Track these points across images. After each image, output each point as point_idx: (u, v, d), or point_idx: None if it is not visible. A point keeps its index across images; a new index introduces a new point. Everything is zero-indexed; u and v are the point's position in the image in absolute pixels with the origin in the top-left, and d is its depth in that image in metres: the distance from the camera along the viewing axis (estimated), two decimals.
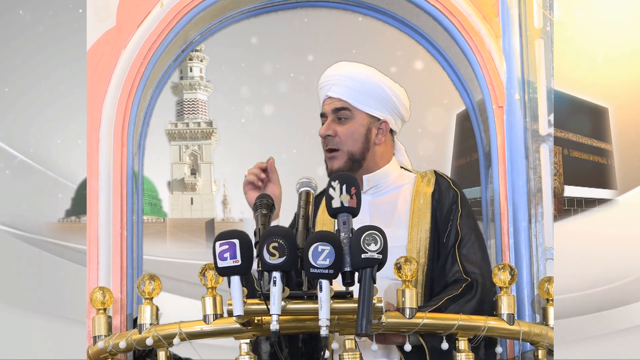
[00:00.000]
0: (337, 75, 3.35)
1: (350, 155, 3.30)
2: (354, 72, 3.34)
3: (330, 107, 3.32)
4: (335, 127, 3.31)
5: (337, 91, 3.32)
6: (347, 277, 2.71)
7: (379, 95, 3.33)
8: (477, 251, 3.23)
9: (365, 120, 3.33)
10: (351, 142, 3.30)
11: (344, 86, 3.32)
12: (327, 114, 3.33)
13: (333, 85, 3.32)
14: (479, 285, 3.14)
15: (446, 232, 3.25)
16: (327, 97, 3.34)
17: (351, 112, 3.31)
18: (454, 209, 3.28)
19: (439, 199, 3.29)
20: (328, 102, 3.34)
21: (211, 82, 9.61)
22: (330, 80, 3.34)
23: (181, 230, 8.72)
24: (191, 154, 9.63)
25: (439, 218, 3.26)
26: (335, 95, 3.32)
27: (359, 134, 3.31)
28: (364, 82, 3.33)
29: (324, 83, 3.37)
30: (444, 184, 3.32)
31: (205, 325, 2.94)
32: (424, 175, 3.37)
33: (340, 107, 3.31)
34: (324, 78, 3.38)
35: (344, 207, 2.78)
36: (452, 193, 3.30)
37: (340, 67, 3.38)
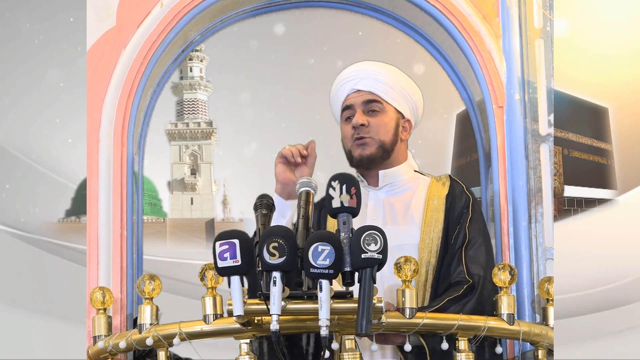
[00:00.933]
0: (367, 70, 3.37)
1: (382, 143, 3.33)
2: (384, 68, 3.39)
3: (360, 99, 3.34)
4: (367, 118, 3.33)
5: (368, 84, 3.34)
6: (347, 277, 2.71)
7: (406, 94, 3.38)
8: (482, 254, 3.23)
9: (395, 114, 3.36)
10: (383, 132, 3.33)
11: (375, 80, 3.35)
12: (356, 106, 3.34)
13: (362, 79, 3.35)
14: (481, 287, 3.14)
15: (454, 234, 3.26)
16: (355, 90, 3.35)
17: (382, 105, 3.34)
18: (464, 212, 3.30)
19: (452, 202, 3.30)
20: (355, 95, 3.35)
21: (211, 82, 9.61)
22: (357, 75, 3.36)
23: (181, 230, 8.72)
24: (191, 154, 9.63)
25: (450, 220, 3.28)
26: (365, 88, 3.34)
27: (390, 127, 3.34)
28: (395, 78, 3.37)
29: (349, 77, 3.38)
30: (457, 188, 3.34)
31: (205, 325, 2.94)
32: (438, 179, 3.39)
33: (371, 99, 3.33)
34: (349, 73, 3.39)
35: (344, 207, 2.78)
36: (465, 197, 3.32)
37: (368, 64, 3.40)
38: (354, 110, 3.34)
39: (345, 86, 3.37)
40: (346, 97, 3.37)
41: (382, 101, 3.34)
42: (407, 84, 3.40)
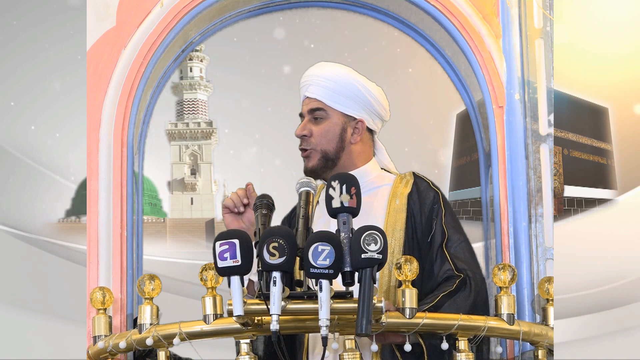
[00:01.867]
0: (314, 76, 3.36)
1: (324, 154, 3.31)
2: (329, 72, 3.35)
3: (307, 107, 3.34)
4: (310, 127, 3.32)
5: (314, 91, 3.33)
6: (347, 277, 2.71)
7: (354, 94, 3.34)
8: (465, 249, 3.24)
9: (340, 119, 3.33)
10: (325, 141, 3.31)
11: (320, 86, 3.33)
12: (305, 114, 3.35)
13: (310, 86, 3.34)
14: (471, 280, 3.14)
15: (431, 233, 3.25)
16: (305, 97, 3.36)
17: (326, 112, 3.32)
18: (436, 208, 3.28)
19: (418, 200, 3.28)
20: (306, 102, 3.36)
21: (211, 82, 9.61)
22: (307, 81, 3.36)
23: (181, 230, 8.72)
24: (191, 154, 9.62)
25: (419, 219, 3.26)
26: (312, 95, 3.33)
27: (333, 134, 3.32)
28: (339, 82, 3.33)
29: (302, 83, 3.39)
30: (422, 184, 3.32)
31: (205, 325, 2.94)
32: (402, 176, 3.36)
33: (315, 107, 3.32)
34: (303, 79, 3.40)
35: (344, 207, 2.78)
36: (432, 193, 3.30)
37: (316, 68, 3.39)
38: (303, 118, 3.36)
39: (302, 92, 3.38)
40: (302, 103, 3.38)
41: (325, 108, 3.31)
42: (358, 84, 3.35)
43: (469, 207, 6.98)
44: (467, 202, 7.01)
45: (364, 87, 3.35)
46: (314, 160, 3.31)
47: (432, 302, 3.04)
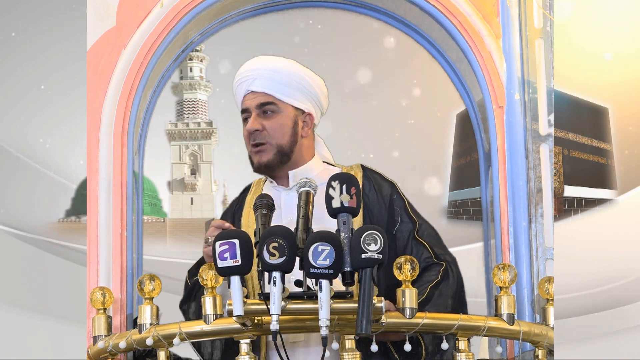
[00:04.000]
0: (260, 69, 3.29)
1: (279, 148, 3.26)
2: (277, 65, 3.30)
3: (255, 101, 3.27)
4: (261, 121, 3.27)
5: (261, 84, 3.27)
6: (347, 277, 2.71)
7: (303, 87, 3.30)
8: (436, 236, 3.27)
9: (292, 113, 3.29)
10: (280, 135, 3.26)
11: (268, 79, 3.28)
12: (251, 109, 3.28)
13: (255, 79, 3.27)
14: (451, 265, 3.19)
15: (396, 224, 3.24)
16: (249, 91, 3.28)
17: (277, 105, 3.27)
18: (395, 199, 3.28)
19: (373, 192, 3.27)
20: (250, 96, 3.29)
21: (211, 82, 9.60)
22: (251, 75, 3.29)
23: (181, 230, 8.71)
24: (191, 154, 9.62)
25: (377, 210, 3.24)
26: (258, 89, 3.27)
27: (287, 127, 3.27)
28: (288, 74, 3.29)
29: (244, 78, 3.30)
30: (374, 177, 3.31)
31: (205, 325, 2.94)
32: (349, 169, 3.34)
33: (265, 101, 3.27)
34: (243, 73, 3.32)
35: (344, 207, 2.78)
36: (388, 184, 3.30)
37: (261, 61, 3.33)
38: (249, 113, 3.28)
39: (241, 87, 3.31)
40: (243, 98, 3.31)
41: (276, 102, 3.27)
42: (305, 75, 3.31)
43: (469, 207, 6.98)
44: (467, 202, 7.01)
45: (311, 78, 3.32)
46: (269, 154, 3.26)
47: (423, 294, 3.06)
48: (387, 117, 7.20)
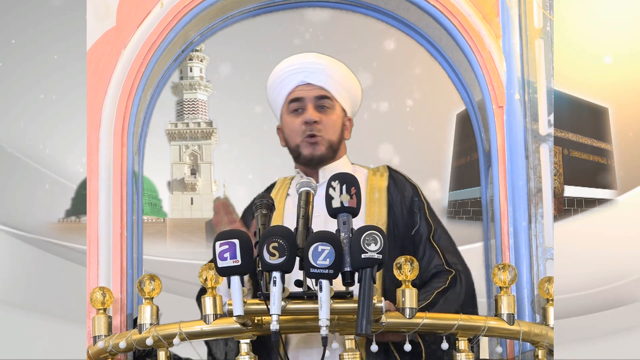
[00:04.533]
0: (318, 64, 3.33)
1: (331, 143, 3.31)
2: (334, 64, 3.35)
3: (312, 93, 3.30)
4: (318, 114, 3.30)
5: (320, 79, 3.30)
6: (347, 277, 2.71)
7: (351, 90, 3.36)
8: (450, 242, 3.29)
9: (341, 112, 3.35)
10: (332, 131, 3.31)
11: (327, 75, 3.31)
12: (307, 100, 3.30)
13: (313, 73, 3.30)
14: (461, 274, 3.20)
15: (416, 225, 3.27)
16: (305, 83, 3.30)
17: (332, 101, 3.31)
18: (416, 201, 3.31)
19: (396, 192, 3.30)
20: (305, 88, 3.31)
21: (211, 82, 9.60)
22: (308, 67, 3.32)
23: (181, 230, 8.71)
24: (191, 154, 9.62)
25: (399, 211, 3.27)
26: (316, 82, 3.30)
27: (338, 125, 3.33)
28: (343, 75, 3.34)
29: (298, 69, 3.32)
30: (398, 178, 3.35)
31: (205, 325, 2.94)
32: (376, 170, 3.39)
33: (323, 95, 3.30)
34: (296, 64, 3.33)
35: (344, 207, 2.78)
36: (410, 186, 3.34)
37: (317, 57, 3.36)
38: (304, 103, 3.30)
39: (294, 77, 3.32)
40: (294, 88, 3.32)
41: (332, 98, 3.31)
42: (353, 80, 3.37)
43: (469, 207, 6.98)
44: (467, 202, 7.01)
45: (358, 85, 3.39)
46: (322, 147, 3.30)
47: (428, 300, 3.05)
48: (387, 117, 7.20)
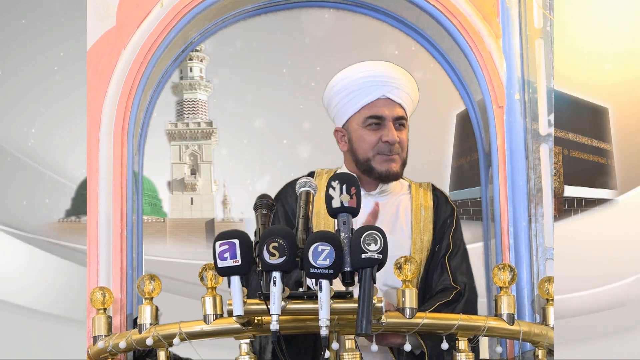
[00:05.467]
0: (401, 80, 3.31)
1: (403, 161, 3.33)
2: (412, 81, 3.35)
3: (393, 112, 3.28)
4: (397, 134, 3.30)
5: (401, 97, 3.30)
6: (347, 277, 2.71)
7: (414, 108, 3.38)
8: (464, 263, 3.30)
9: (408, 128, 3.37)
10: (404, 149, 3.33)
11: (407, 94, 3.32)
12: (388, 119, 3.28)
13: (397, 89, 3.29)
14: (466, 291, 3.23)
15: (439, 244, 3.30)
16: (385, 97, 3.28)
17: (406, 121, 3.34)
18: (448, 222, 3.34)
19: (437, 213, 3.33)
20: (385, 103, 3.28)
21: (211, 82, 9.61)
22: (392, 82, 3.29)
23: (181, 230, 8.72)
24: (191, 154, 9.63)
25: (435, 230, 3.30)
26: (396, 99, 3.28)
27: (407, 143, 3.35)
28: (416, 95, 3.36)
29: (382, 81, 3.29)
30: (442, 198, 3.38)
31: (205, 325, 2.94)
32: (419, 185, 3.40)
33: (402, 115, 3.30)
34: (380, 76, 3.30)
35: (344, 207, 2.78)
36: (449, 208, 3.36)
37: (400, 72, 3.34)
38: (384, 121, 3.28)
39: (376, 88, 3.29)
40: (374, 100, 3.30)
41: (406, 117, 3.33)
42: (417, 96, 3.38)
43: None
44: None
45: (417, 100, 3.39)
46: (397, 165, 3.30)
47: (430, 309, 3.07)
48: None
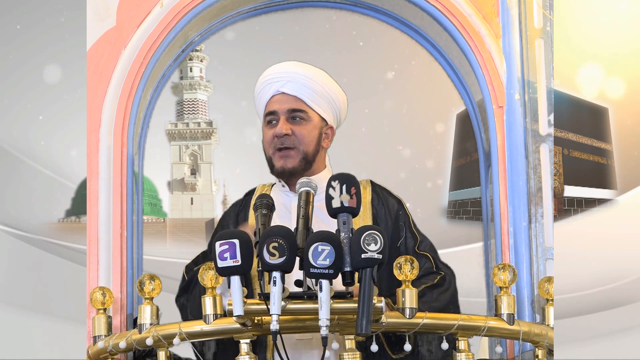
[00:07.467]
0: (294, 73, 3.32)
1: (305, 155, 3.30)
2: (311, 72, 3.34)
3: (285, 105, 3.29)
4: (291, 126, 3.29)
5: (294, 88, 3.30)
6: (347, 277, 2.71)
7: (331, 98, 3.35)
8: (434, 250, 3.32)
9: (319, 122, 3.34)
10: (307, 142, 3.30)
11: (302, 84, 3.31)
12: (280, 112, 3.30)
13: (289, 82, 3.30)
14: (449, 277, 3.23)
15: (401, 238, 3.30)
16: (280, 92, 3.30)
17: (307, 113, 3.31)
18: (402, 215, 3.34)
19: (381, 206, 3.32)
20: (280, 98, 3.31)
21: (211, 82, 9.60)
22: (283, 77, 3.31)
23: (181, 230, 8.71)
24: (191, 154, 9.62)
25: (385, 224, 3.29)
26: (291, 92, 3.30)
27: (313, 136, 3.32)
28: (321, 83, 3.33)
29: (274, 79, 3.32)
30: (383, 192, 3.38)
31: (205, 325, 2.94)
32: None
33: (297, 107, 3.30)
34: (273, 74, 3.33)
35: (344, 207, 2.78)
36: (395, 201, 3.36)
37: (294, 66, 3.35)
38: (277, 116, 3.30)
39: (270, 87, 3.32)
40: (270, 98, 3.32)
41: (307, 109, 3.30)
42: (333, 88, 3.36)
43: (469, 207, 6.98)
44: (467, 202, 7.02)
45: (339, 92, 3.39)
46: (294, 160, 3.29)
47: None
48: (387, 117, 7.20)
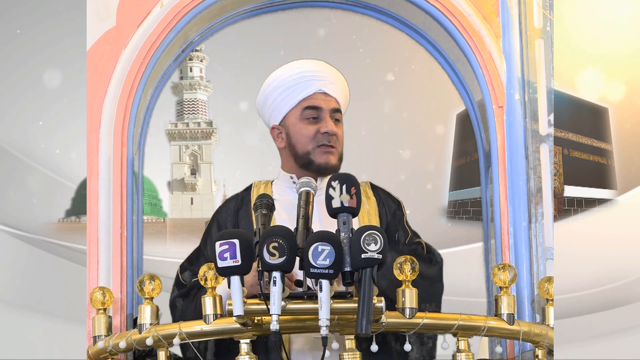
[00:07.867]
0: (336, 76, 3.36)
1: (340, 155, 3.34)
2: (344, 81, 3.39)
3: (329, 104, 3.32)
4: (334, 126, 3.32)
5: (337, 91, 3.34)
6: (347, 277, 2.71)
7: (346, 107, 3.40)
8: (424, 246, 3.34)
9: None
10: (341, 143, 3.35)
11: (342, 90, 3.36)
12: (325, 111, 3.31)
13: (332, 84, 3.33)
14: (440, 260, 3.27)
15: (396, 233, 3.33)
16: (322, 92, 3.31)
17: (341, 115, 3.36)
18: (399, 214, 3.38)
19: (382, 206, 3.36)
20: (323, 97, 3.32)
21: (211, 82, 9.61)
22: (327, 77, 3.33)
23: (181, 230, 8.72)
24: (191, 154, 9.63)
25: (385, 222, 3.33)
26: (333, 94, 3.33)
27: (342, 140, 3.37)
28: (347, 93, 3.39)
29: (318, 76, 3.33)
30: (383, 193, 3.41)
31: (205, 325, 2.94)
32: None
33: (338, 108, 3.34)
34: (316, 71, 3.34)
35: (344, 207, 2.78)
36: (394, 200, 3.41)
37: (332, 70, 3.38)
38: (322, 113, 3.30)
39: (312, 83, 3.31)
40: (311, 95, 3.32)
41: (341, 113, 3.36)
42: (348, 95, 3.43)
43: (469, 207, 6.99)
44: (467, 202, 7.02)
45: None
46: (335, 157, 3.32)
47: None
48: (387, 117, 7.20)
